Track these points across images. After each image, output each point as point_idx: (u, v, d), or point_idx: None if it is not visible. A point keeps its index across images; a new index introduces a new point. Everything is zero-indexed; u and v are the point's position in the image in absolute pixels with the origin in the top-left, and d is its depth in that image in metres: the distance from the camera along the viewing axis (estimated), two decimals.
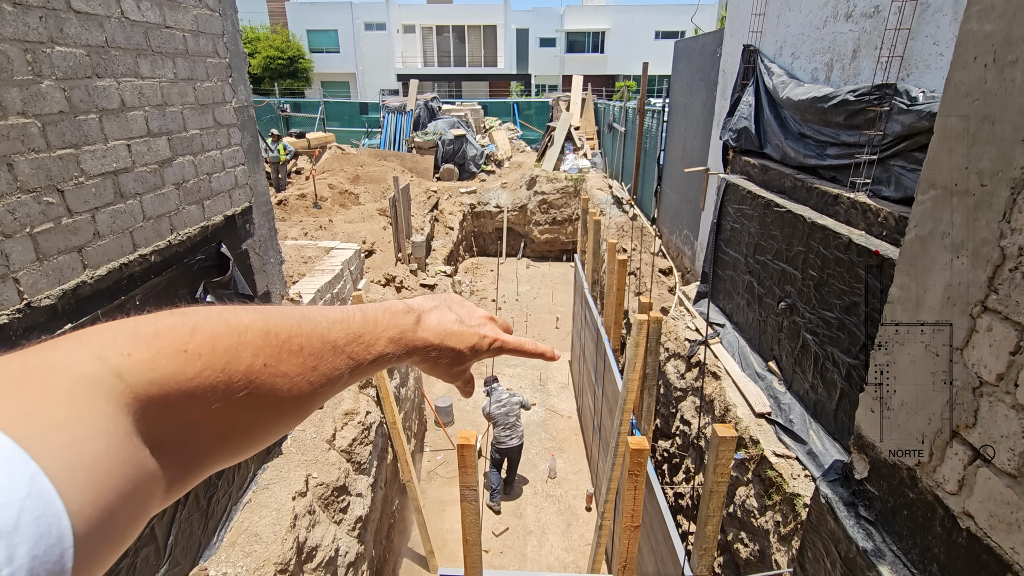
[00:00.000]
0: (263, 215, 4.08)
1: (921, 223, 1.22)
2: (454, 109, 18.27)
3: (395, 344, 0.54)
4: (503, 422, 6.52)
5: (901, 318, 1.26)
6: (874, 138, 3.94)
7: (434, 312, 0.60)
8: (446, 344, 0.59)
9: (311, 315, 0.48)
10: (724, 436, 2.98)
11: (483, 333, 0.62)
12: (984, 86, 1.03)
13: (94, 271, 2.43)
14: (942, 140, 1.16)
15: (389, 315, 0.55)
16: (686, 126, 8.73)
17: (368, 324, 0.52)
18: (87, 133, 2.40)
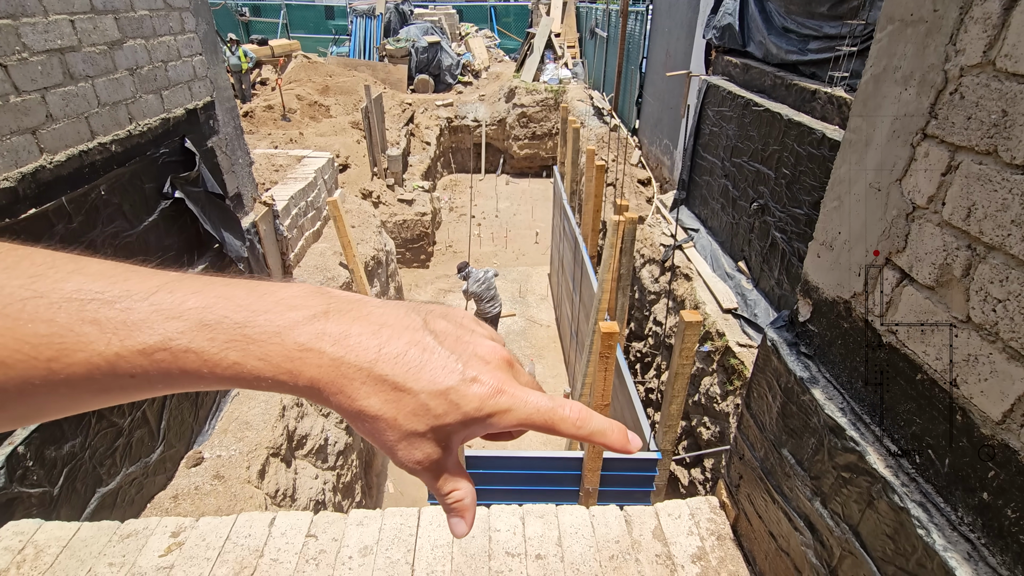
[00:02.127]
0: (226, 111, 3.91)
1: (876, 61, 1.24)
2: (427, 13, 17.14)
3: (209, 337, 0.30)
4: (486, 296, 7.18)
5: (851, 160, 1.31)
6: (856, 28, 3.86)
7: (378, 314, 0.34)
8: (378, 372, 0.31)
9: (56, 265, 0.31)
10: (690, 321, 3.13)
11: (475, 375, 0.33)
12: None
13: (52, 156, 2.35)
14: None
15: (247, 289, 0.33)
16: (670, 27, 8.38)
17: (167, 290, 0.31)
18: (23, 3, 2.23)
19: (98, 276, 0.30)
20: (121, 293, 0.30)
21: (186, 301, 0.30)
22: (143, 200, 2.93)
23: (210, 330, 0.30)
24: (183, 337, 0.30)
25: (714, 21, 6.13)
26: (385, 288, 6.40)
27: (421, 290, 9.60)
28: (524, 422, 0.34)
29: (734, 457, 1.88)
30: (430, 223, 10.32)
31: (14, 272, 0.29)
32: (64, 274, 0.30)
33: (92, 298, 0.29)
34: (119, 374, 0.29)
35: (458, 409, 0.32)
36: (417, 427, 0.32)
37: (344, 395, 0.31)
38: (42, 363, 0.28)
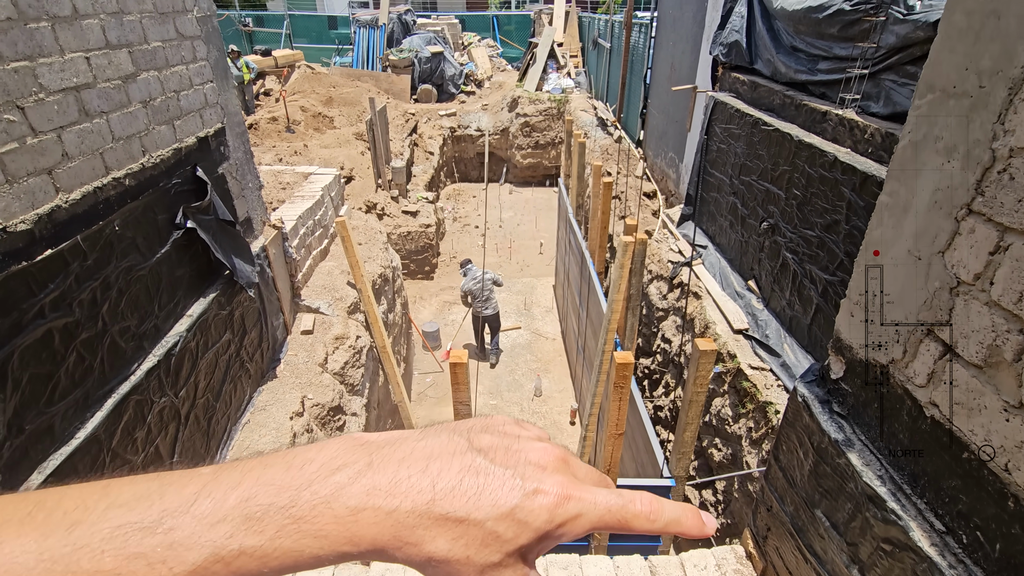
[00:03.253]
0: (237, 137, 3.91)
1: (916, 128, 1.22)
2: (430, 23, 17.18)
3: (258, 531, 0.29)
4: (479, 296, 7.47)
5: (888, 224, 1.29)
6: (867, 51, 3.85)
7: (421, 449, 0.32)
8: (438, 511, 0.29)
9: (63, 509, 0.29)
10: (704, 350, 3.11)
11: (538, 487, 0.31)
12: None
13: (68, 195, 2.34)
14: (945, 39, 1.14)
15: (277, 469, 0.31)
16: (675, 41, 8.38)
17: (198, 495, 0.29)
18: (41, 43, 2.23)
19: (134, 503, 0.29)
20: (160, 514, 0.28)
21: (227, 500, 0.29)
22: (156, 232, 2.91)
23: (258, 523, 0.29)
24: (232, 541, 0.28)
25: (721, 38, 6.13)
26: (392, 304, 6.39)
27: (426, 302, 9.59)
28: (597, 525, 0.32)
29: (761, 507, 1.85)
30: (434, 234, 10.31)
31: (49, 527, 0.28)
32: (99, 513, 0.28)
33: (132, 531, 0.28)
34: None
35: (528, 527, 0.30)
36: (491, 558, 0.30)
37: (410, 546, 0.29)
38: None
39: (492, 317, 7.72)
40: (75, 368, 2.36)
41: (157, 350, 2.87)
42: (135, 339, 2.74)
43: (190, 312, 3.19)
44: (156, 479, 0.31)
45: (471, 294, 7.50)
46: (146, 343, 2.82)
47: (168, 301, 3.01)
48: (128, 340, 2.68)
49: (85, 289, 2.41)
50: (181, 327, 3.07)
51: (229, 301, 3.55)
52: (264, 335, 4.04)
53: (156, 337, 2.91)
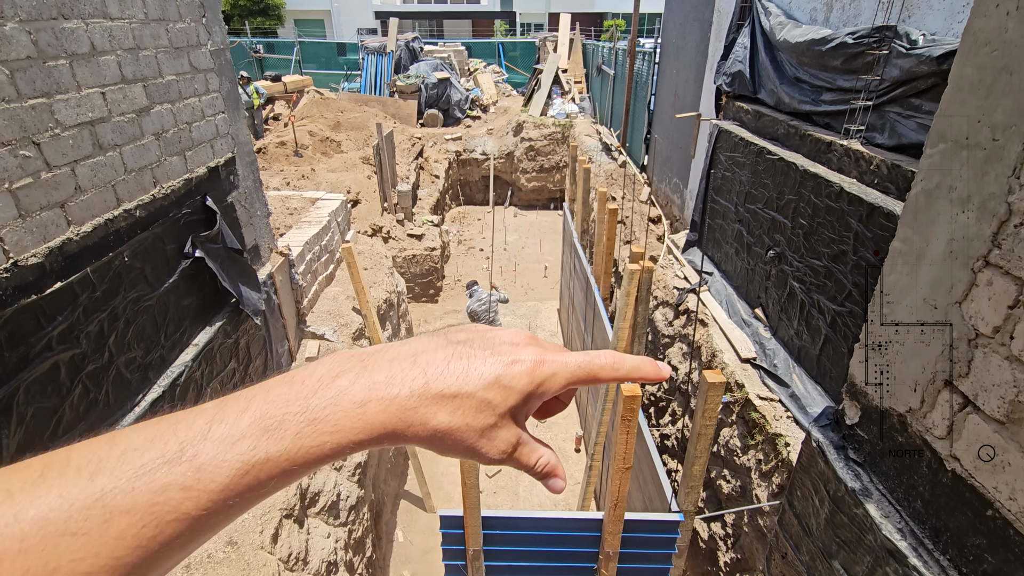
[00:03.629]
0: (247, 166, 3.95)
1: (928, 176, 1.22)
2: (436, 50, 17.52)
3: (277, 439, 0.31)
4: (485, 318, 7.39)
5: (901, 271, 1.28)
6: (871, 83, 3.88)
7: (407, 350, 0.37)
8: (434, 391, 0.34)
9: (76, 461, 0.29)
10: (713, 382, 3.07)
11: (515, 357, 0.37)
12: (1005, 35, 1.01)
13: (79, 227, 2.36)
14: (956, 91, 1.14)
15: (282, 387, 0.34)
16: (678, 69, 8.50)
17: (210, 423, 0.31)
18: (58, 80, 2.27)
19: (149, 444, 0.30)
20: (179, 446, 0.30)
21: (240, 421, 0.31)
22: (164, 262, 2.93)
23: (276, 432, 0.31)
24: (256, 452, 0.31)
25: (724, 67, 6.21)
26: (397, 329, 6.37)
27: (430, 325, 9.56)
28: (571, 380, 0.38)
29: (775, 553, 1.80)
30: (439, 257, 10.34)
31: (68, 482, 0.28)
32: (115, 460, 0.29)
33: (157, 465, 0.29)
34: (216, 512, 0.30)
35: (513, 391, 0.36)
36: (487, 421, 0.35)
37: (416, 425, 0.34)
38: (146, 544, 0.28)
39: None
40: (80, 401, 2.35)
41: (162, 380, 2.86)
42: (140, 370, 2.73)
43: (196, 341, 3.19)
44: (161, 422, 0.32)
45: (476, 315, 7.61)
46: (151, 374, 2.81)
47: (175, 331, 3.01)
48: (134, 371, 2.67)
49: (93, 321, 2.41)
50: (187, 357, 3.06)
51: (235, 329, 3.55)
52: (269, 363, 4.03)
53: (161, 367, 2.90)
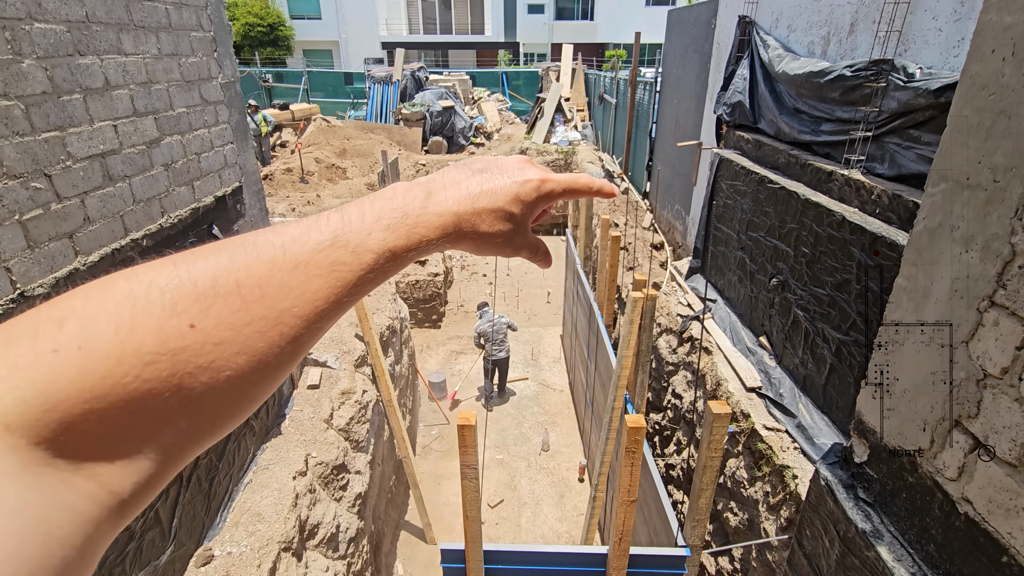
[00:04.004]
0: (254, 195, 4.00)
1: (930, 215, 1.22)
2: (441, 79, 17.87)
3: (400, 232, 0.42)
4: (494, 339, 7.73)
5: (907, 308, 1.27)
6: (869, 115, 3.93)
7: (448, 179, 0.48)
8: (479, 207, 0.46)
9: (253, 239, 0.37)
10: (718, 413, 3.04)
11: (523, 178, 0.49)
12: (1002, 79, 1.02)
13: (86, 257, 2.38)
14: (956, 133, 1.15)
15: (382, 200, 0.44)
16: (679, 99, 8.64)
17: (348, 221, 0.41)
18: (72, 114, 2.32)
19: (307, 234, 0.39)
20: (332, 235, 0.39)
21: (365, 221, 0.41)
22: None
23: (394, 231, 0.42)
24: (384, 242, 0.41)
25: (724, 98, 6.31)
26: (399, 356, 6.35)
27: (432, 351, 9.53)
28: (564, 192, 0.52)
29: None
30: (442, 283, 10.37)
31: (268, 253, 0.37)
32: (292, 241, 0.38)
33: (324, 246, 0.38)
34: (359, 284, 0.40)
35: (526, 203, 0.49)
36: (511, 226, 0.49)
37: (473, 228, 0.46)
38: (327, 302, 0.38)
39: (502, 361, 7.96)
40: None
41: None
42: None
43: None
44: (299, 223, 0.40)
45: (485, 336, 7.75)
46: None
47: None
48: None
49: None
50: None
51: None
52: None
53: None
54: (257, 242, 0.37)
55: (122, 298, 0.31)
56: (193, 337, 0.31)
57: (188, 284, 0.32)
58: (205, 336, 0.32)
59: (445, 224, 0.45)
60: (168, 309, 0.31)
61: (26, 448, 0.27)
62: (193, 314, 0.32)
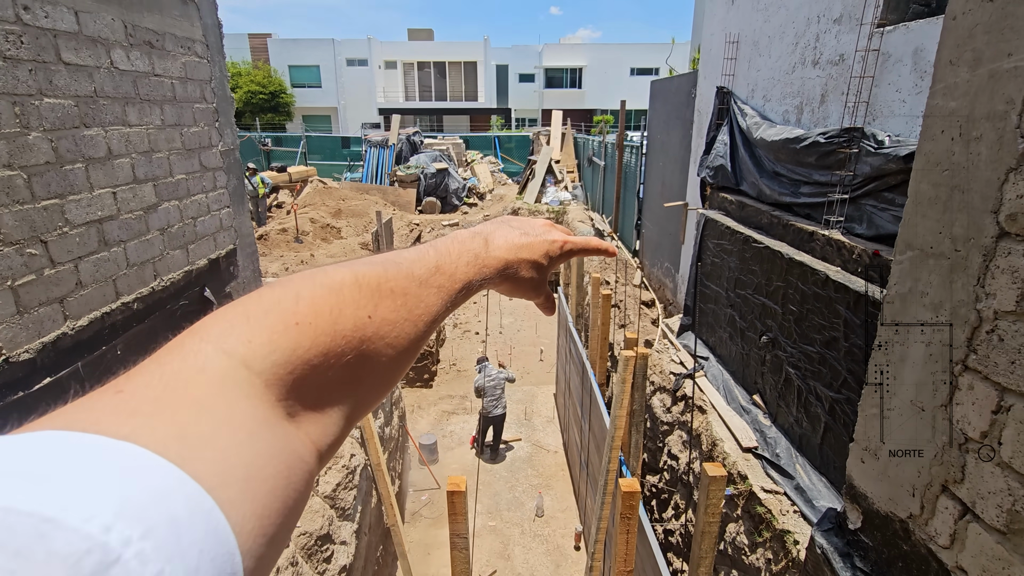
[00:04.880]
0: (247, 256, 4.05)
1: (900, 281, 1.27)
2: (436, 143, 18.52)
3: (474, 268, 0.54)
4: (491, 394, 7.72)
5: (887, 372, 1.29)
6: (845, 178, 4.11)
7: (498, 232, 0.59)
8: (521, 257, 0.58)
9: (392, 259, 0.49)
10: (714, 475, 2.98)
11: (551, 238, 0.61)
12: (952, 158, 1.09)
13: (75, 322, 2.38)
14: (916, 204, 1.22)
15: (459, 243, 0.55)
16: (664, 162, 8.98)
17: (443, 255, 0.52)
18: (73, 182, 2.39)
19: (420, 261, 0.50)
20: (436, 264, 0.51)
21: (451, 255, 0.53)
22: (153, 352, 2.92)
23: (471, 265, 0.54)
24: (469, 274, 0.53)
25: (707, 161, 6.58)
26: (389, 417, 6.23)
27: (424, 412, 9.35)
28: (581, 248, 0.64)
29: None
30: (434, 341, 10.31)
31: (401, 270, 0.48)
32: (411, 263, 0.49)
33: (431, 272, 0.50)
34: (451, 301, 0.51)
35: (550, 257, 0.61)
36: (540, 276, 0.61)
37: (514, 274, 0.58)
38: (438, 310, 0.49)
39: (499, 417, 7.90)
40: None
41: None
42: None
43: None
44: (407, 253, 0.51)
45: (483, 391, 7.74)
46: None
47: None
48: None
49: None
50: None
51: None
52: None
53: None
54: (396, 260, 0.48)
55: (330, 291, 0.41)
56: (370, 324, 0.42)
57: (365, 286, 0.43)
58: (376, 326, 0.42)
59: (499, 266, 0.56)
60: (358, 302, 0.42)
61: (274, 404, 0.34)
62: (369, 308, 0.42)
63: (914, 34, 3.57)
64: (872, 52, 3.91)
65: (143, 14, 2.87)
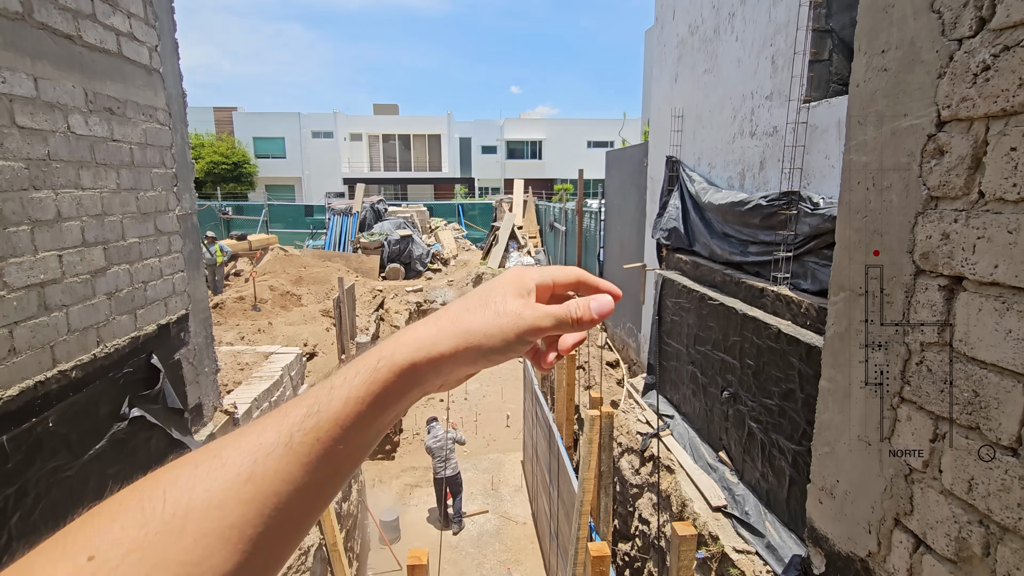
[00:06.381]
0: (200, 322, 3.92)
1: (837, 321, 1.34)
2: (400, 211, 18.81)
3: (370, 391, 0.44)
4: (439, 455, 7.60)
5: (833, 408, 1.34)
6: (787, 237, 4.37)
7: (428, 322, 0.50)
8: (462, 349, 0.47)
9: (301, 406, 0.43)
10: (684, 535, 2.91)
11: (520, 314, 0.48)
12: (869, 205, 1.19)
13: (3, 391, 2.22)
14: (843, 249, 1.31)
15: (354, 365, 0.47)
16: (621, 226, 9.35)
17: (318, 392, 0.44)
18: (16, 245, 2.30)
19: (299, 403, 0.44)
20: (315, 405, 0.43)
21: (336, 392, 0.44)
22: (94, 427, 2.73)
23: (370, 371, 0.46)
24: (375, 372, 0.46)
25: (661, 224, 6.89)
26: (347, 492, 5.89)
27: (385, 486, 8.90)
28: (554, 327, 0.49)
29: None
30: None
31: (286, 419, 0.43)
32: (282, 416, 0.43)
33: (306, 416, 0.42)
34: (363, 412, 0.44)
35: (526, 334, 0.48)
36: (520, 348, 0.49)
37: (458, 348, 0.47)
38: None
39: (452, 478, 7.69)
40: None
41: None
42: None
43: None
44: (303, 398, 0.44)
45: (431, 452, 7.61)
46: None
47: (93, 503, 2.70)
48: None
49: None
50: None
51: None
52: None
53: None
54: (304, 402, 0.44)
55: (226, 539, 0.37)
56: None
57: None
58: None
59: (414, 370, 0.46)
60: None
61: None
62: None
63: (835, 108, 3.95)
64: (801, 124, 4.29)
65: (106, 82, 2.91)
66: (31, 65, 2.41)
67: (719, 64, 5.76)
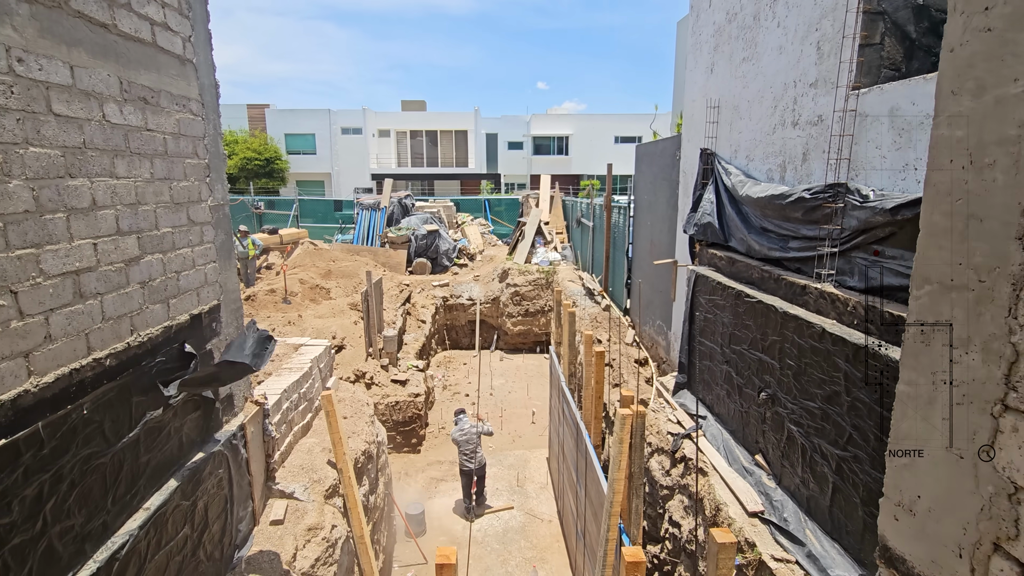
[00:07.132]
0: (231, 313, 3.93)
1: (920, 317, 1.20)
2: (427, 206, 18.86)
3: None
4: (465, 448, 7.66)
5: (913, 416, 1.20)
6: (833, 232, 4.15)
7: None
8: None
9: None
10: (723, 542, 2.78)
11: None
12: (966, 186, 1.05)
13: (40, 378, 2.23)
14: (930, 236, 1.17)
15: None
16: (652, 221, 9.14)
17: None
18: (52, 232, 2.31)
19: None
20: None
21: None
22: (128, 415, 2.74)
23: None
24: None
25: (694, 219, 6.68)
26: (374, 484, 5.90)
27: (411, 479, 8.92)
28: None
29: None
30: (423, 404, 10.01)
31: None
32: None
33: None
34: None
35: None
36: None
37: None
38: None
39: (477, 471, 7.77)
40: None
41: (100, 554, 2.50)
42: (76, 541, 2.39)
43: (147, 504, 2.86)
44: None
45: (458, 444, 7.69)
46: (88, 545, 2.46)
47: (125, 492, 2.71)
48: (68, 543, 2.34)
49: (32, 483, 2.16)
50: (134, 524, 2.72)
51: (194, 490, 3.22)
52: (227, 527, 3.61)
53: (102, 537, 2.56)
54: None
55: None
56: None
57: None
58: None
59: None
60: None
61: None
62: None
63: (889, 95, 3.72)
64: (850, 112, 4.06)
65: (140, 72, 2.90)
66: (67, 53, 2.41)
67: (759, 52, 5.52)
